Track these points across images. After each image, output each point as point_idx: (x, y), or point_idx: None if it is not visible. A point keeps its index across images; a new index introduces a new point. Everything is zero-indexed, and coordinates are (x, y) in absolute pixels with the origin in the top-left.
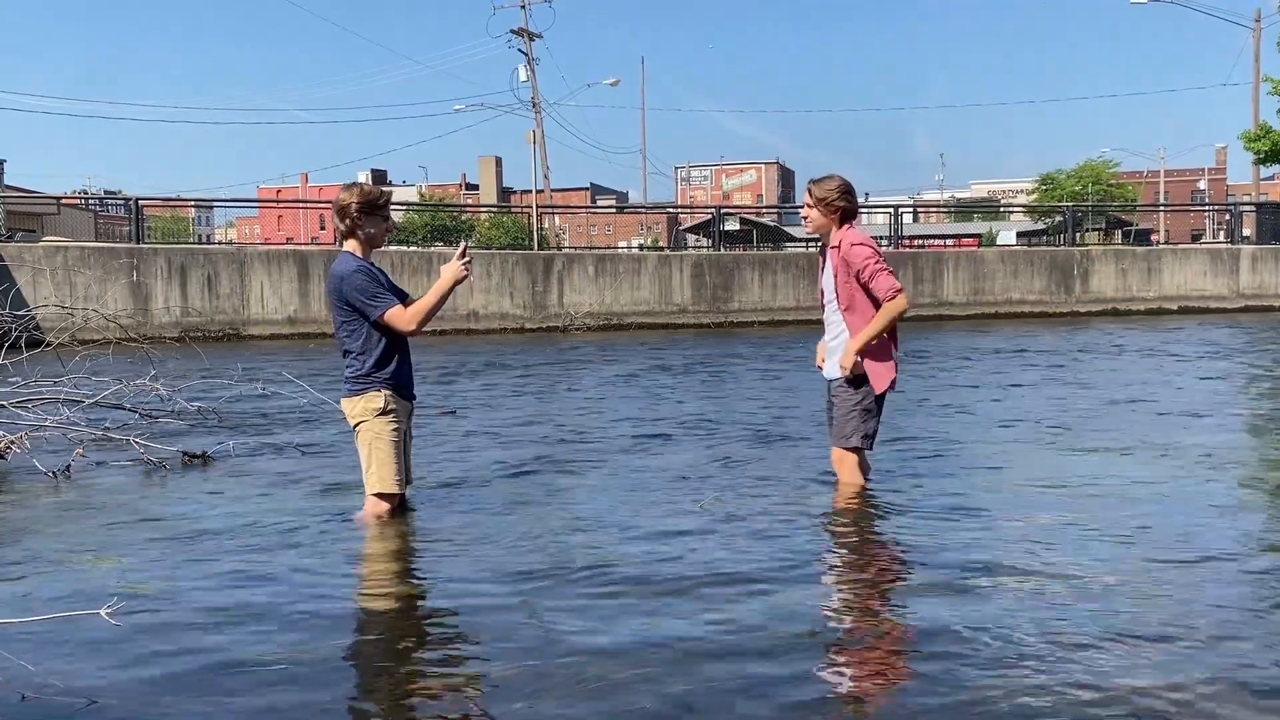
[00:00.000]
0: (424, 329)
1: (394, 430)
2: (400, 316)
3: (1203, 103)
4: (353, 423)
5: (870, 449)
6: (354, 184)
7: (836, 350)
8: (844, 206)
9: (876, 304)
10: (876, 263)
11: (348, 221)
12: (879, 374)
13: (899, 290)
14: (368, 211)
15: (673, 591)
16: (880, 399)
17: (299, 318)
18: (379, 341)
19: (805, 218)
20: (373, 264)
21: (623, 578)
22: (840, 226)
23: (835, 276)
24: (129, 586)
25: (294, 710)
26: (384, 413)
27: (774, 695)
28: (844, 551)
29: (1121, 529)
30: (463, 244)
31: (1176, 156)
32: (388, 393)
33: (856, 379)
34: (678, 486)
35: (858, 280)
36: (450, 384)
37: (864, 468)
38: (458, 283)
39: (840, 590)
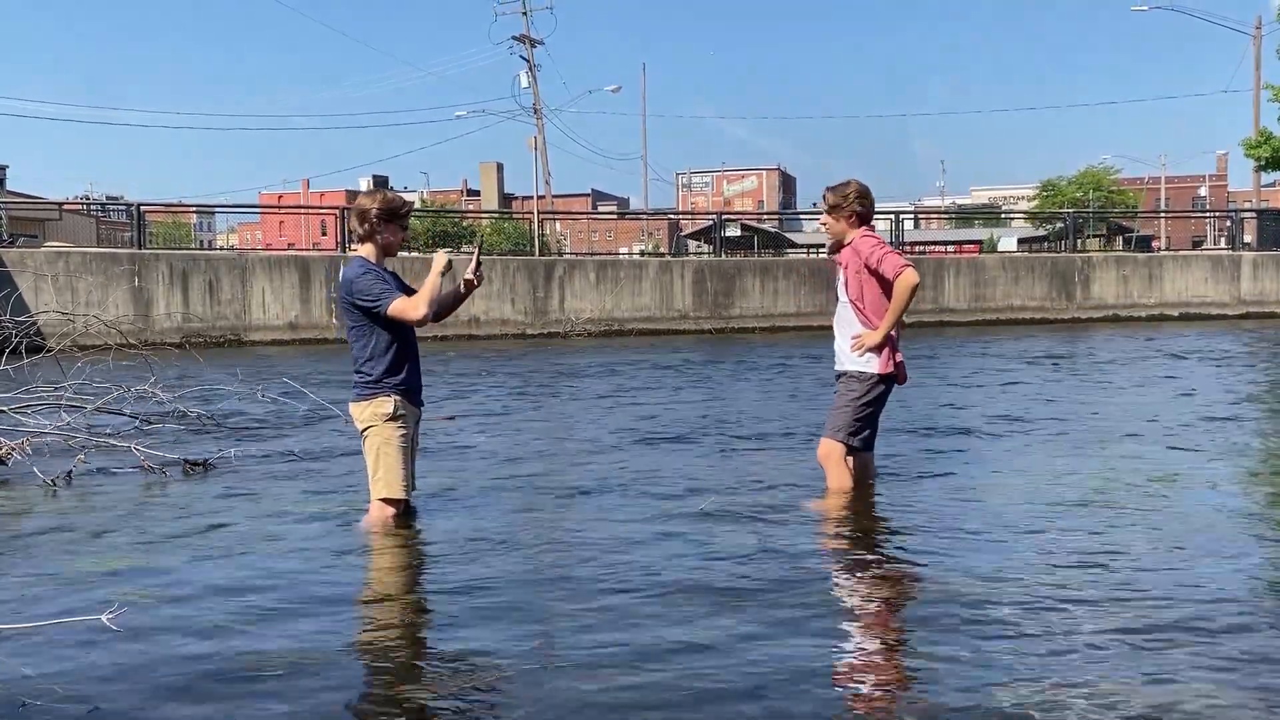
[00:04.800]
0: (433, 314)
1: (402, 436)
2: (406, 305)
3: (1204, 109)
4: (361, 427)
5: (861, 448)
6: (377, 190)
7: (842, 348)
8: (859, 210)
9: (887, 294)
10: (883, 248)
11: (366, 226)
12: (882, 360)
13: (906, 265)
14: (387, 219)
15: (673, 597)
16: (879, 400)
17: (300, 323)
18: (389, 346)
19: (823, 224)
20: (384, 269)
21: (623, 583)
22: (857, 230)
23: (846, 269)
24: (130, 592)
25: (296, 715)
26: (393, 418)
27: (769, 703)
28: (838, 559)
29: (1120, 535)
30: (475, 251)
31: (1177, 163)
32: (397, 398)
33: (862, 375)
34: (678, 491)
35: (868, 269)
36: (451, 389)
37: (869, 471)
38: (466, 285)
39: (837, 596)
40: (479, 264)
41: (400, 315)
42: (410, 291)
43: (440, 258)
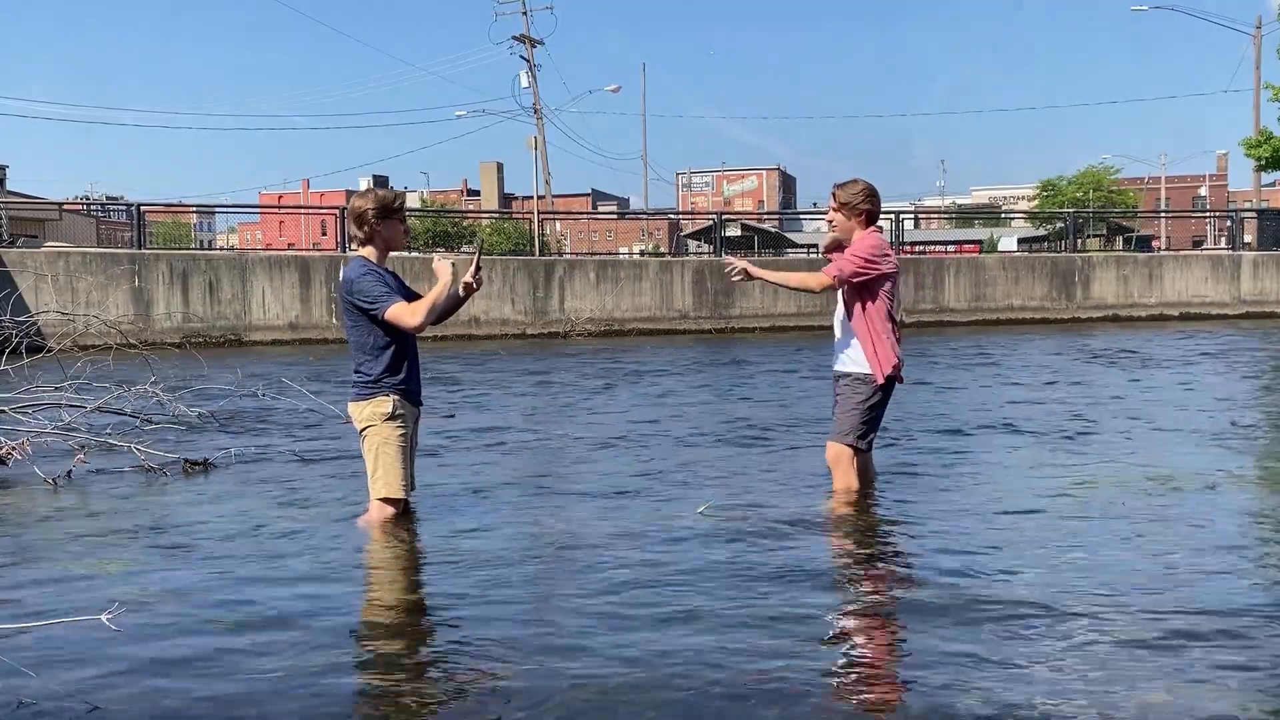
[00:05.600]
0: (429, 324)
1: (401, 435)
2: (403, 312)
3: (1204, 109)
4: (360, 427)
5: (866, 449)
6: (367, 190)
7: (842, 349)
8: (868, 210)
9: (880, 309)
10: (866, 259)
11: (365, 229)
12: (877, 367)
13: (834, 278)
14: (385, 216)
15: (672, 599)
16: (883, 401)
17: (301, 323)
18: (388, 346)
19: (830, 222)
20: (387, 269)
21: (623, 584)
22: (865, 229)
23: None
24: (130, 592)
25: (297, 716)
26: (392, 418)
27: (771, 703)
28: (839, 559)
29: (1122, 539)
30: (475, 254)
31: (1177, 163)
32: (396, 398)
33: (866, 377)
34: (677, 493)
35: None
36: (451, 390)
37: (869, 473)
38: (465, 288)
39: (835, 599)
40: (479, 267)
41: (397, 321)
42: (410, 294)
43: (446, 272)
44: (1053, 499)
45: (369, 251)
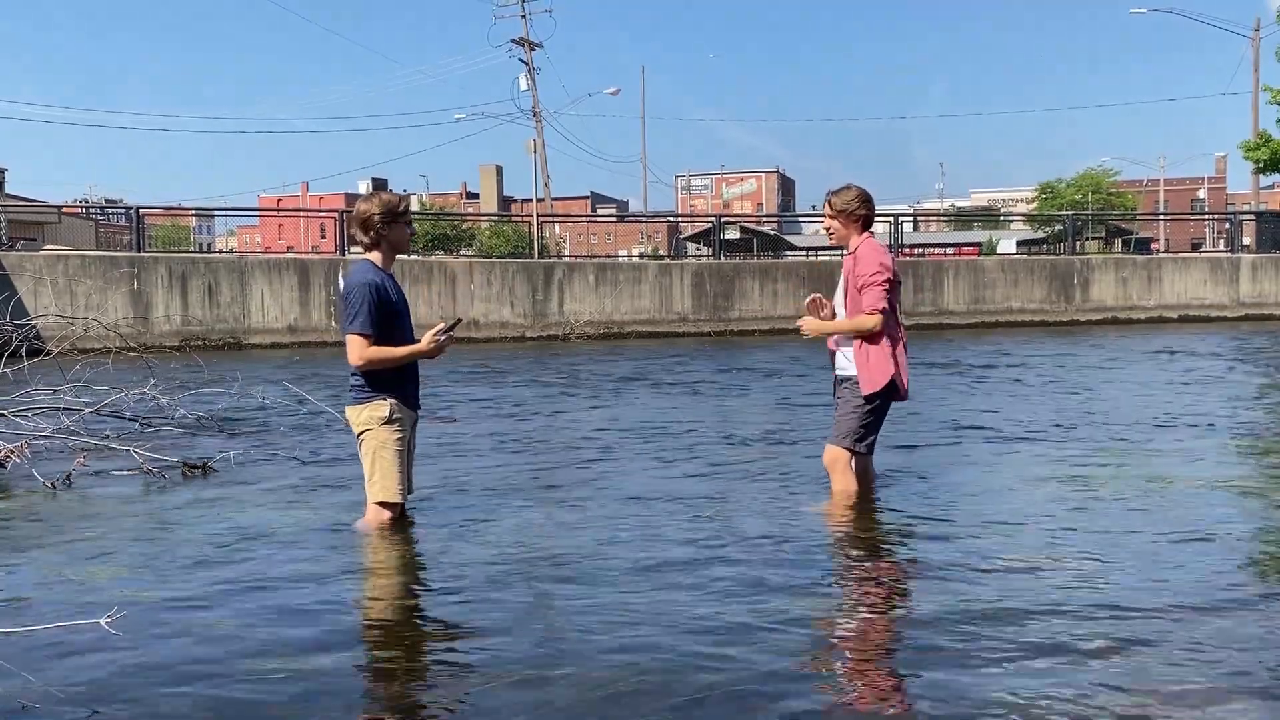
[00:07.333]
0: (368, 368)
1: (398, 439)
2: (358, 346)
3: (1203, 111)
4: (357, 431)
5: (866, 453)
6: (371, 194)
7: (841, 353)
8: (864, 214)
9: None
10: (879, 277)
11: (372, 234)
12: (867, 378)
13: (878, 311)
14: (391, 220)
15: (673, 601)
16: (883, 407)
17: (300, 326)
18: None
19: (828, 230)
20: (390, 275)
21: (623, 587)
22: (861, 234)
23: (846, 281)
24: (129, 595)
25: (296, 719)
26: (388, 421)
27: (772, 704)
28: (836, 563)
29: (1123, 539)
30: (451, 324)
31: (1176, 165)
32: (393, 401)
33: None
34: (678, 496)
35: (859, 287)
36: (451, 392)
37: (869, 475)
38: (429, 355)
39: (836, 601)
40: (444, 336)
41: (348, 347)
42: (404, 313)
43: (426, 349)
44: (1056, 502)
45: (376, 256)
